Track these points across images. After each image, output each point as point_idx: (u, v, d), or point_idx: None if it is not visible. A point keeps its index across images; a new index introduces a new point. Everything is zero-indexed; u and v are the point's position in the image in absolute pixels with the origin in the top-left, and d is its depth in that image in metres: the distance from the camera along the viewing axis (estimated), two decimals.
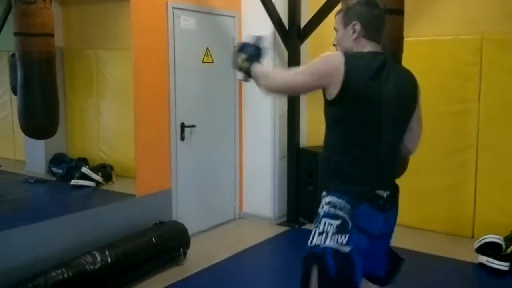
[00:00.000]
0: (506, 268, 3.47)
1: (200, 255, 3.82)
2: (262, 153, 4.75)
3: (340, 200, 1.82)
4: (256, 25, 4.59)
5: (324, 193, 1.90)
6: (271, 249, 4.22)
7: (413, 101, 2.00)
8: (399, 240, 4.03)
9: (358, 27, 1.87)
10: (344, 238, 1.79)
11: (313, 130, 4.85)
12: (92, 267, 2.99)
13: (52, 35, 3.72)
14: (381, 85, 1.83)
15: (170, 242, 3.59)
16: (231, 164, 4.79)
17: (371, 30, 1.89)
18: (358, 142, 1.86)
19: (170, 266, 3.60)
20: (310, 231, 1.89)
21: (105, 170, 4.42)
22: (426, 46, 4.29)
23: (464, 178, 4.23)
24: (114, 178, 4.42)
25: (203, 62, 4.36)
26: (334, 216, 1.81)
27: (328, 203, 1.85)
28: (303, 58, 4.63)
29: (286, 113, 4.67)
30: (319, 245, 1.81)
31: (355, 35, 1.88)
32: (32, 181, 4.55)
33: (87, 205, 4.01)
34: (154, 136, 3.97)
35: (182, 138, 4.18)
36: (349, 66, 1.77)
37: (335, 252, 1.79)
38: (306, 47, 4.70)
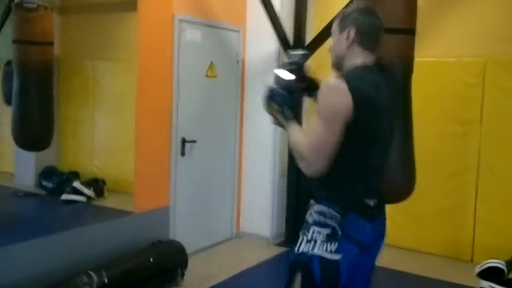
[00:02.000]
0: None
1: (198, 276, 3.69)
2: (262, 170, 4.67)
3: (329, 210, 1.80)
4: (261, 41, 4.56)
5: (312, 201, 1.89)
6: (270, 271, 4.11)
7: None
8: (397, 262, 4.01)
9: (352, 32, 1.86)
10: (333, 246, 1.77)
11: None
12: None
13: (52, 44, 3.61)
14: (381, 97, 1.83)
15: (168, 262, 3.48)
16: (230, 181, 4.68)
17: (365, 38, 1.88)
18: (354, 152, 1.82)
19: (167, 287, 3.46)
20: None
21: (97, 185, 4.27)
22: (429, 67, 4.28)
23: (464, 201, 4.22)
24: (106, 193, 4.27)
25: (206, 76, 4.28)
26: (323, 225, 1.80)
27: (318, 212, 1.84)
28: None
29: None
30: (306, 253, 1.80)
31: (349, 41, 1.87)
32: (21, 194, 4.35)
33: (81, 222, 3.82)
34: (155, 151, 3.85)
35: (183, 154, 4.07)
36: (356, 96, 1.72)
37: (322, 259, 1.77)
38: (310, 64, 4.67)
